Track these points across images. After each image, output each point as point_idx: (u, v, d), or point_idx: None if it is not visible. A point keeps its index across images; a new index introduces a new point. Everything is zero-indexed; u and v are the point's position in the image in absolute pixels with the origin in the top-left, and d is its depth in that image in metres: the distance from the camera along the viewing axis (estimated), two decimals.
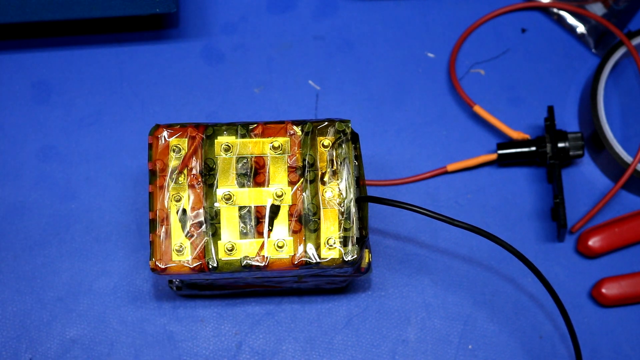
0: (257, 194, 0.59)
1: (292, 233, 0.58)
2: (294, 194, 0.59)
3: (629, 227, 0.69)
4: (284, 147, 0.59)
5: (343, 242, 0.58)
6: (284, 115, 0.72)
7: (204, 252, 0.58)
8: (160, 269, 0.58)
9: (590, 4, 0.74)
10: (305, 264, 0.58)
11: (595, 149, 0.71)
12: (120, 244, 0.70)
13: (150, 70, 0.73)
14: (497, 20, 0.75)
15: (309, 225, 0.58)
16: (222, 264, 0.58)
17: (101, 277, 0.69)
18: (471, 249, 0.70)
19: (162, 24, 0.74)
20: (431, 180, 0.71)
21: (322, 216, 0.59)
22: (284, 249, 0.58)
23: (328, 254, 0.58)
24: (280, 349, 0.68)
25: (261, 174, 0.59)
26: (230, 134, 0.60)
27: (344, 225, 0.58)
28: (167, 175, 0.59)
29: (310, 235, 0.58)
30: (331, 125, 0.60)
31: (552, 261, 0.70)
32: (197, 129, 0.60)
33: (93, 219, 0.70)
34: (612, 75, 0.72)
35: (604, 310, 0.69)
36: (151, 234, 0.58)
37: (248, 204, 0.59)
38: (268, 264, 0.58)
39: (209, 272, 0.58)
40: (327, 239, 0.58)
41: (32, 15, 0.68)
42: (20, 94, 0.72)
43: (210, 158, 0.59)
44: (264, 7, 0.75)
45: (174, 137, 0.59)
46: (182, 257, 0.58)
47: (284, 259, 0.58)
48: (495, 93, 0.73)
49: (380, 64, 0.74)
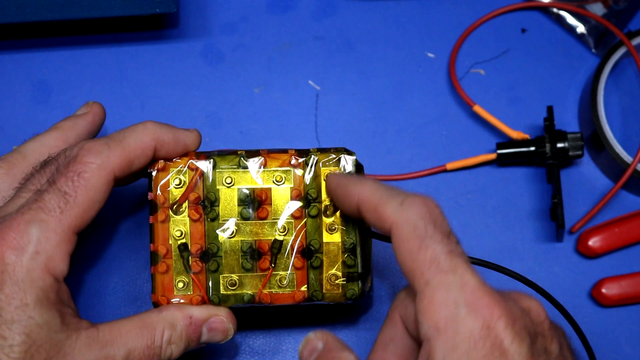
0: (260, 228, 0.58)
1: (294, 269, 0.58)
2: (297, 228, 0.58)
3: (629, 227, 0.69)
4: (287, 181, 0.59)
5: (346, 279, 0.58)
6: (284, 115, 0.72)
7: (205, 287, 0.58)
8: (162, 304, 0.58)
9: (590, 4, 0.74)
10: (307, 300, 0.58)
11: (595, 149, 0.71)
12: (120, 244, 0.70)
13: (150, 70, 0.73)
14: (497, 20, 0.75)
15: (311, 260, 0.58)
16: (224, 299, 0.58)
17: (101, 277, 0.69)
18: (471, 249, 0.70)
19: (162, 24, 0.74)
20: (431, 180, 0.71)
21: (325, 251, 0.58)
22: (286, 285, 0.58)
23: (331, 290, 0.58)
24: (280, 349, 0.68)
25: (264, 208, 0.59)
26: (232, 165, 0.59)
27: (347, 262, 0.58)
28: (167, 208, 0.58)
29: (313, 271, 0.58)
30: (336, 156, 0.59)
31: (552, 261, 0.70)
32: (198, 158, 0.59)
33: (93, 225, 0.70)
34: (612, 75, 0.72)
35: (604, 310, 0.69)
36: (152, 266, 0.58)
37: (250, 239, 0.58)
38: (270, 300, 0.58)
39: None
40: (330, 275, 0.58)
41: (32, 15, 0.68)
42: (20, 94, 0.72)
43: (212, 191, 0.59)
44: (264, 7, 0.75)
45: (175, 169, 0.58)
46: (184, 292, 0.58)
47: (286, 295, 0.58)
48: (495, 93, 0.73)
49: (380, 64, 0.74)
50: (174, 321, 0.57)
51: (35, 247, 0.53)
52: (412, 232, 0.50)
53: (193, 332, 0.58)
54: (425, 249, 0.49)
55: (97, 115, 0.64)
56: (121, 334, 0.56)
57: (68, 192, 0.54)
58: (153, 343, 0.56)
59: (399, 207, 0.51)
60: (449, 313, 0.48)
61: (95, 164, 0.55)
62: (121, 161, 0.56)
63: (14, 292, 0.53)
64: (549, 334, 0.50)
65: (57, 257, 0.54)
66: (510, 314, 0.48)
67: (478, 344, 0.47)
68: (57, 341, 0.53)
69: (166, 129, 0.58)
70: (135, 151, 0.56)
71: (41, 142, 0.60)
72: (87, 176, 0.55)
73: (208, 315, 0.58)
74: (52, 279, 0.54)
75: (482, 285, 0.49)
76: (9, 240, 0.53)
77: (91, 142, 0.56)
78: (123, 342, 0.55)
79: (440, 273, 0.49)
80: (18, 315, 0.52)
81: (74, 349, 0.54)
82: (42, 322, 0.53)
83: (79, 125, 0.62)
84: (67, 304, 0.55)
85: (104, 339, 0.55)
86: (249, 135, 0.72)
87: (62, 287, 0.55)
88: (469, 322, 0.48)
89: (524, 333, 0.48)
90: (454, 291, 0.48)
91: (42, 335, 0.53)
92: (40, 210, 0.54)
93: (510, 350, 0.47)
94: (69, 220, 0.54)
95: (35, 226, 0.53)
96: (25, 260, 0.53)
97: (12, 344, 0.52)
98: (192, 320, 0.58)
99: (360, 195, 0.53)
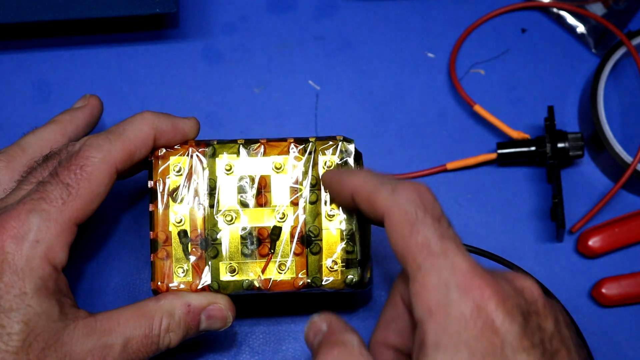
0: (259, 214, 0.59)
1: (294, 255, 0.58)
2: (296, 215, 0.58)
3: (629, 227, 0.69)
4: (286, 167, 0.59)
5: (345, 265, 0.58)
6: (284, 115, 0.72)
7: (205, 274, 0.58)
8: (162, 290, 0.58)
9: (590, 4, 0.74)
10: (307, 286, 0.58)
11: (595, 149, 0.71)
12: (120, 244, 0.70)
13: (150, 70, 0.73)
14: (497, 20, 0.75)
15: (311, 247, 0.58)
16: (223, 285, 0.58)
17: (101, 276, 0.69)
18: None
19: (162, 24, 0.74)
20: (431, 180, 0.71)
21: (324, 238, 0.58)
22: (286, 272, 0.58)
23: (330, 276, 0.58)
24: (280, 349, 0.68)
25: (263, 195, 0.59)
26: (232, 153, 0.59)
27: (346, 248, 0.58)
28: (167, 195, 0.59)
29: (312, 257, 0.58)
30: (334, 144, 0.59)
31: (552, 261, 0.70)
32: (197, 146, 0.59)
33: (93, 218, 0.70)
34: (612, 75, 0.72)
35: (604, 310, 0.69)
36: (152, 254, 0.58)
37: (250, 225, 0.59)
38: (270, 286, 0.58)
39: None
40: (330, 261, 0.58)
41: (32, 15, 0.68)
42: (21, 93, 0.72)
43: (212, 178, 0.59)
44: (264, 7, 0.75)
45: (175, 156, 0.59)
46: (184, 279, 0.58)
47: (285, 281, 0.58)
48: (495, 93, 0.73)
49: (380, 64, 0.74)
50: (172, 309, 0.57)
51: (36, 236, 0.54)
52: (403, 217, 0.50)
53: (191, 320, 0.58)
54: (416, 234, 0.50)
55: (95, 108, 0.64)
56: (119, 323, 0.56)
57: (70, 184, 0.55)
58: (151, 331, 0.56)
59: (391, 194, 0.51)
60: (440, 296, 0.48)
61: (97, 158, 0.56)
62: (123, 154, 0.56)
63: (13, 280, 0.53)
64: (543, 312, 0.50)
65: (56, 247, 0.54)
66: (501, 293, 0.48)
67: (469, 325, 0.47)
68: (56, 330, 0.54)
69: (164, 118, 0.59)
70: (135, 142, 0.57)
71: (40, 135, 0.61)
72: (89, 169, 0.55)
73: (207, 302, 0.58)
74: (51, 268, 0.54)
75: (474, 267, 0.49)
76: (9, 229, 0.53)
77: (93, 138, 0.57)
78: (121, 330, 0.56)
79: (431, 257, 0.49)
80: (17, 303, 0.53)
81: (72, 337, 0.54)
82: (41, 311, 0.53)
83: (77, 119, 0.63)
84: (66, 294, 0.56)
85: (101, 328, 0.55)
86: (249, 135, 0.72)
87: (60, 277, 0.55)
88: (460, 303, 0.48)
89: (515, 312, 0.48)
90: (445, 274, 0.48)
91: (40, 324, 0.53)
92: (42, 200, 0.54)
93: (501, 329, 0.48)
94: (70, 212, 0.55)
95: (36, 215, 0.54)
96: (25, 249, 0.53)
97: (11, 332, 0.52)
98: (191, 308, 0.58)
99: (354, 186, 0.54)
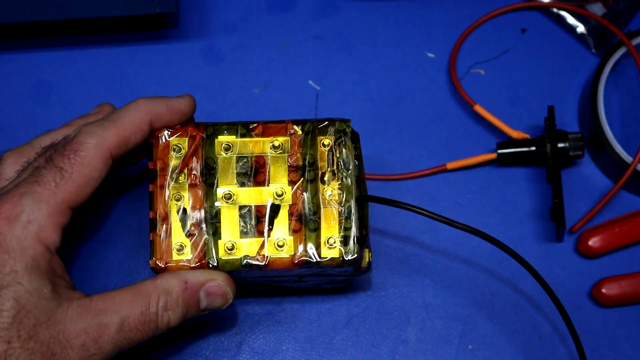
0: (258, 193, 0.59)
1: (292, 232, 0.59)
2: (294, 193, 0.59)
3: (629, 227, 0.69)
4: (284, 147, 0.59)
5: (343, 242, 0.58)
6: (284, 115, 0.72)
7: (204, 251, 0.58)
8: (161, 268, 0.58)
9: (590, 4, 0.74)
10: (305, 263, 0.58)
11: (595, 149, 0.71)
12: (120, 244, 0.70)
13: (150, 70, 0.73)
14: (497, 20, 0.75)
15: (309, 224, 0.59)
16: (222, 263, 0.58)
17: (101, 277, 0.69)
18: (471, 249, 0.70)
19: (162, 24, 0.74)
20: (431, 180, 0.71)
21: (322, 215, 0.59)
22: (284, 248, 0.58)
23: (328, 253, 0.58)
24: (280, 349, 0.68)
25: (261, 174, 0.59)
26: (231, 134, 0.60)
27: (344, 225, 0.59)
28: (167, 175, 0.59)
29: (310, 234, 0.58)
30: (331, 124, 0.60)
31: (552, 261, 0.70)
32: (197, 128, 0.60)
33: (93, 219, 0.70)
34: (612, 75, 0.72)
35: (604, 310, 0.69)
36: (151, 233, 0.59)
37: (248, 203, 0.59)
38: (268, 263, 0.58)
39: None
40: (327, 238, 0.58)
41: (32, 15, 0.68)
42: (20, 93, 0.72)
43: (211, 157, 0.59)
44: (264, 7, 0.75)
45: (174, 137, 0.60)
46: (182, 257, 0.58)
47: (284, 258, 0.58)
48: (495, 93, 0.73)
49: (380, 64, 0.74)
50: (169, 287, 0.57)
51: (28, 217, 0.55)
52: None
53: (190, 297, 0.58)
54: None
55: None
56: (115, 303, 0.56)
57: (64, 168, 0.56)
58: (148, 309, 0.57)
59: None
60: None
61: (91, 143, 0.57)
62: (117, 139, 0.57)
63: (4, 259, 0.54)
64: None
65: (49, 228, 0.55)
66: None
67: None
68: (48, 308, 0.54)
69: (159, 101, 0.59)
70: (130, 128, 0.58)
71: (51, 136, 0.62)
72: (83, 154, 0.56)
73: (204, 279, 0.58)
74: (44, 248, 0.55)
75: None
76: (2, 210, 0.55)
77: (87, 125, 0.58)
78: (117, 309, 0.56)
79: None
80: (7, 281, 0.54)
81: (66, 316, 0.55)
82: (32, 289, 0.54)
83: None
84: (60, 276, 0.56)
85: (96, 308, 0.56)
86: None
87: (54, 259, 0.56)
88: None
89: None
90: None
91: (31, 302, 0.54)
92: (36, 183, 0.56)
93: None
94: (63, 194, 0.56)
95: (29, 197, 0.55)
96: (17, 229, 0.54)
97: (2, 309, 0.53)
98: (188, 285, 0.58)
99: None
